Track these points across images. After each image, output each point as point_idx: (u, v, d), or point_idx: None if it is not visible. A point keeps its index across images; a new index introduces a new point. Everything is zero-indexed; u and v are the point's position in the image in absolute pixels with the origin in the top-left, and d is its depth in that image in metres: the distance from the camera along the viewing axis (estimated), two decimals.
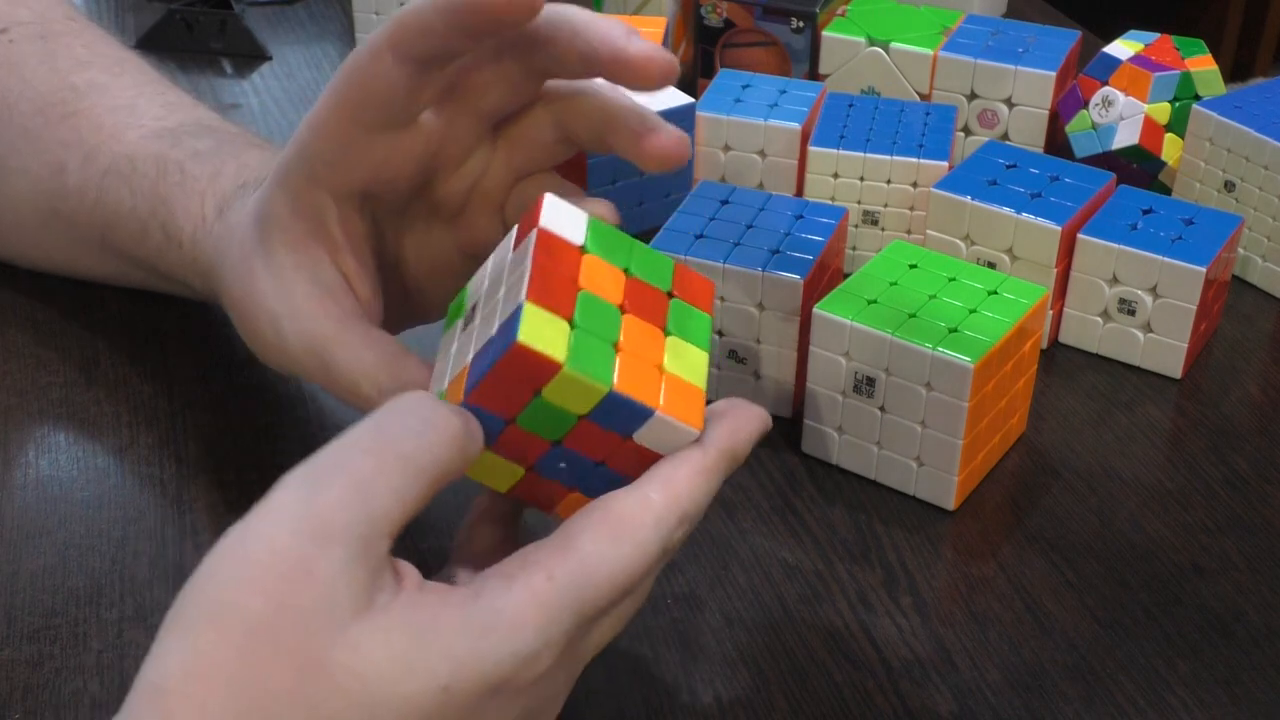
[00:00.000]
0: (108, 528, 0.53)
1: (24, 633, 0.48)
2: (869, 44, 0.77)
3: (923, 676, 0.48)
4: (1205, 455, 0.59)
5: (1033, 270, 0.62)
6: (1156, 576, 0.52)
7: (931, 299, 0.55)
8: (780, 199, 0.61)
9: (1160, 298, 0.61)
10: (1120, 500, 0.56)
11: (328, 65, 0.90)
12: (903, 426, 0.54)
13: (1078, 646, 0.49)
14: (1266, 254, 0.69)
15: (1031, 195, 0.63)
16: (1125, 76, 0.73)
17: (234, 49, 0.91)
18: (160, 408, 0.59)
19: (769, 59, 0.81)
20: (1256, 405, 0.62)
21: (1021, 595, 0.51)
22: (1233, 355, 0.65)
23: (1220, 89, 0.73)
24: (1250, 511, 0.56)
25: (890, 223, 0.68)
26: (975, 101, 0.75)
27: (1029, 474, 0.57)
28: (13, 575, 0.50)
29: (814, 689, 0.47)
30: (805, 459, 0.57)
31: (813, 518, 0.54)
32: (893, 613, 0.50)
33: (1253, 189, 0.68)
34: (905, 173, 0.66)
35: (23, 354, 0.61)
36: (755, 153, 0.69)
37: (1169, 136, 0.72)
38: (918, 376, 0.53)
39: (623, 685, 0.47)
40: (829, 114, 0.70)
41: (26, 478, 0.55)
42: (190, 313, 0.61)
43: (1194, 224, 0.63)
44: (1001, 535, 0.54)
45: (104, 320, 0.63)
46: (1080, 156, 0.73)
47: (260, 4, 0.98)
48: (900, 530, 0.54)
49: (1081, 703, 0.47)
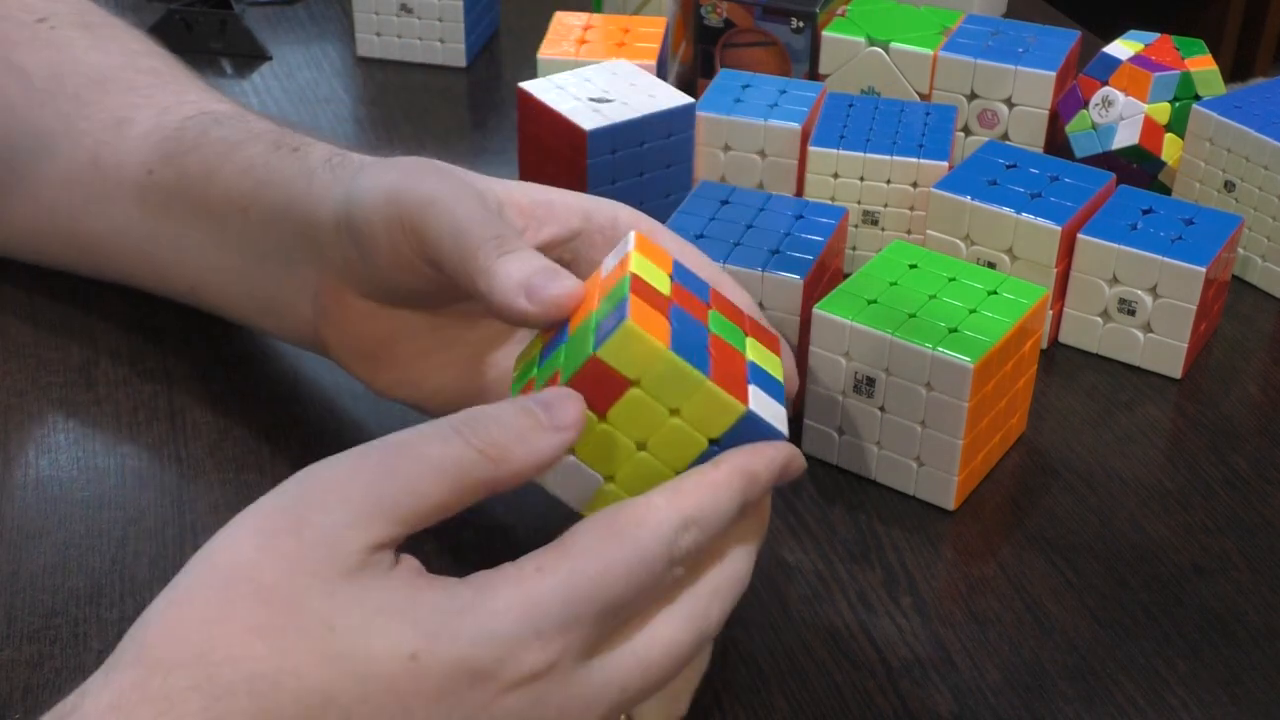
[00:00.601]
0: (108, 528, 0.53)
1: (24, 633, 0.48)
2: (869, 44, 0.77)
3: (923, 676, 0.48)
4: (1205, 455, 0.59)
5: (1033, 270, 0.62)
6: (1156, 576, 0.52)
7: (931, 299, 0.55)
8: (780, 199, 0.61)
9: (1160, 298, 0.61)
10: (1120, 500, 0.56)
11: (328, 65, 0.90)
12: (903, 426, 0.54)
13: (1078, 646, 0.49)
14: (1266, 254, 0.69)
15: (1031, 195, 0.63)
16: (1125, 76, 0.73)
17: (234, 49, 0.91)
18: (160, 408, 0.59)
19: (769, 59, 0.81)
20: (1256, 405, 0.62)
21: (1021, 595, 0.51)
22: (1233, 355, 0.65)
23: (1220, 89, 0.73)
24: (1250, 511, 0.56)
25: (890, 223, 0.68)
26: (975, 101, 0.75)
27: (1029, 474, 0.57)
28: (13, 575, 0.50)
29: (814, 689, 0.47)
30: (805, 459, 0.57)
31: (813, 518, 0.54)
32: (893, 613, 0.50)
33: (1253, 189, 0.68)
34: (905, 173, 0.66)
35: (23, 354, 0.61)
36: (755, 153, 0.69)
37: (1169, 136, 0.72)
38: (918, 376, 0.53)
39: None
40: (829, 114, 0.70)
41: (26, 478, 0.55)
42: (190, 313, 0.61)
43: (1194, 224, 0.63)
44: (1001, 535, 0.54)
45: (104, 320, 0.63)
46: (1080, 156, 0.73)
47: (260, 4, 0.98)
48: (900, 530, 0.54)
49: (1081, 703, 0.47)
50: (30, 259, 0.64)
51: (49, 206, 0.61)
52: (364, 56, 0.91)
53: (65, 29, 0.63)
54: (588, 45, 0.76)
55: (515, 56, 0.92)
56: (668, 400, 0.39)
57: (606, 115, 0.65)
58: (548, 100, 0.66)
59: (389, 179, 0.47)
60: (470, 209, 0.44)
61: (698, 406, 0.39)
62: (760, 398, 0.41)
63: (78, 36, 0.63)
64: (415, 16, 0.89)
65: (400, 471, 0.36)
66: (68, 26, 0.63)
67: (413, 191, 0.45)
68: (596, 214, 0.48)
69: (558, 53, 0.76)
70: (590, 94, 0.67)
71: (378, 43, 0.90)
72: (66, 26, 0.63)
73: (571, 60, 0.74)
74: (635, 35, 0.78)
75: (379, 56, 0.91)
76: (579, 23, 0.79)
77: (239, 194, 0.53)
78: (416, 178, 0.46)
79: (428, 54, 0.90)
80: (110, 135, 0.59)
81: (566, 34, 0.78)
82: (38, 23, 0.63)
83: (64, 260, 0.63)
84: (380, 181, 0.47)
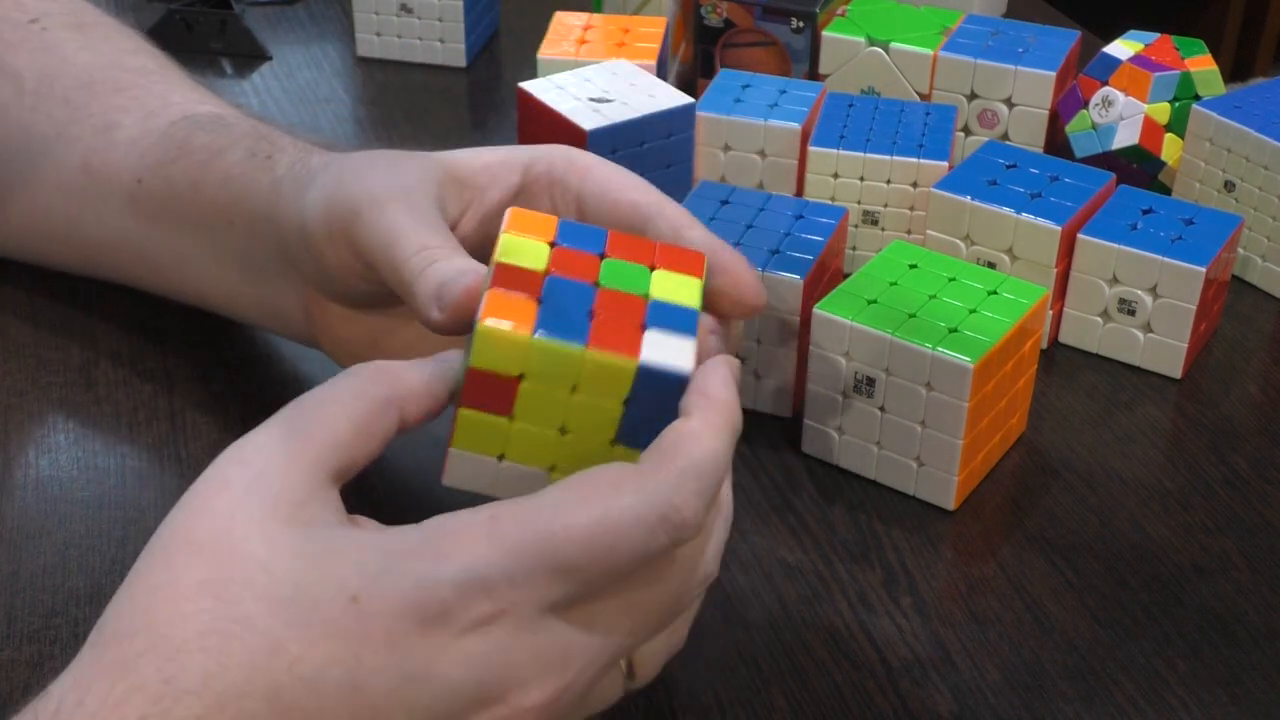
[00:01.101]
0: (108, 528, 0.53)
1: (24, 633, 0.48)
2: (869, 44, 0.77)
3: (923, 676, 0.48)
4: (1205, 455, 0.59)
5: (1033, 270, 0.62)
6: (1156, 576, 0.52)
7: (931, 299, 0.55)
8: (780, 199, 0.61)
9: (1160, 298, 0.61)
10: (1120, 500, 0.56)
11: (328, 65, 0.90)
12: (903, 426, 0.54)
13: (1078, 646, 0.49)
14: (1266, 254, 0.69)
15: (1031, 195, 0.63)
16: (1125, 76, 0.73)
17: (234, 49, 0.91)
18: (160, 408, 0.59)
19: (769, 59, 0.81)
20: (1256, 405, 0.62)
21: (1021, 595, 0.51)
22: (1233, 355, 0.65)
23: (1220, 89, 0.73)
24: (1250, 511, 0.56)
25: (890, 223, 0.68)
26: (975, 101, 0.75)
27: (1029, 474, 0.57)
28: (13, 575, 0.50)
29: (814, 689, 0.47)
30: (805, 459, 0.57)
31: (813, 518, 0.54)
32: (893, 613, 0.50)
33: (1253, 189, 0.68)
34: (905, 173, 0.66)
35: (23, 354, 0.61)
36: (755, 153, 0.69)
37: (1169, 136, 0.72)
38: (918, 376, 0.53)
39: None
40: (829, 114, 0.70)
41: (26, 478, 0.55)
42: (190, 313, 0.61)
43: (1194, 224, 0.63)
44: (1001, 535, 0.54)
45: (104, 320, 0.63)
46: (1080, 156, 0.73)
47: (260, 4, 0.98)
48: (900, 530, 0.54)
49: (1081, 703, 0.47)
50: (32, 260, 0.64)
51: (46, 211, 0.61)
52: (364, 56, 0.91)
53: (57, 30, 0.63)
54: (588, 45, 0.76)
55: (515, 56, 0.92)
56: (560, 381, 0.38)
57: (606, 115, 0.65)
58: (548, 100, 0.66)
59: (327, 189, 0.47)
60: (395, 217, 0.44)
61: (590, 377, 0.38)
62: (659, 341, 0.39)
63: (69, 37, 0.63)
64: (415, 16, 0.89)
65: (305, 414, 0.37)
66: (60, 27, 0.63)
67: (344, 202, 0.45)
68: (534, 165, 0.48)
69: (558, 53, 0.76)
70: (590, 94, 0.67)
71: (378, 43, 0.90)
72: (58, 27, 0.63)
73: (571, 60, 0.74)
74: (635, 35, 0.78)
75: (379, 56, 0.91)
76: (579, 23, 0.79)
77: (222, 206, 0.54)
78: (351, 185, 0.46)
79: (428, 54, 0.90)
80: (100, 141, 0.59)
81: (566, 34, 0.78)
82: (30, 23, 0.63)
83: (65, 262, 0.63)
84: (321, 192, 0.47)
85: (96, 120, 0.59)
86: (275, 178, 0.51)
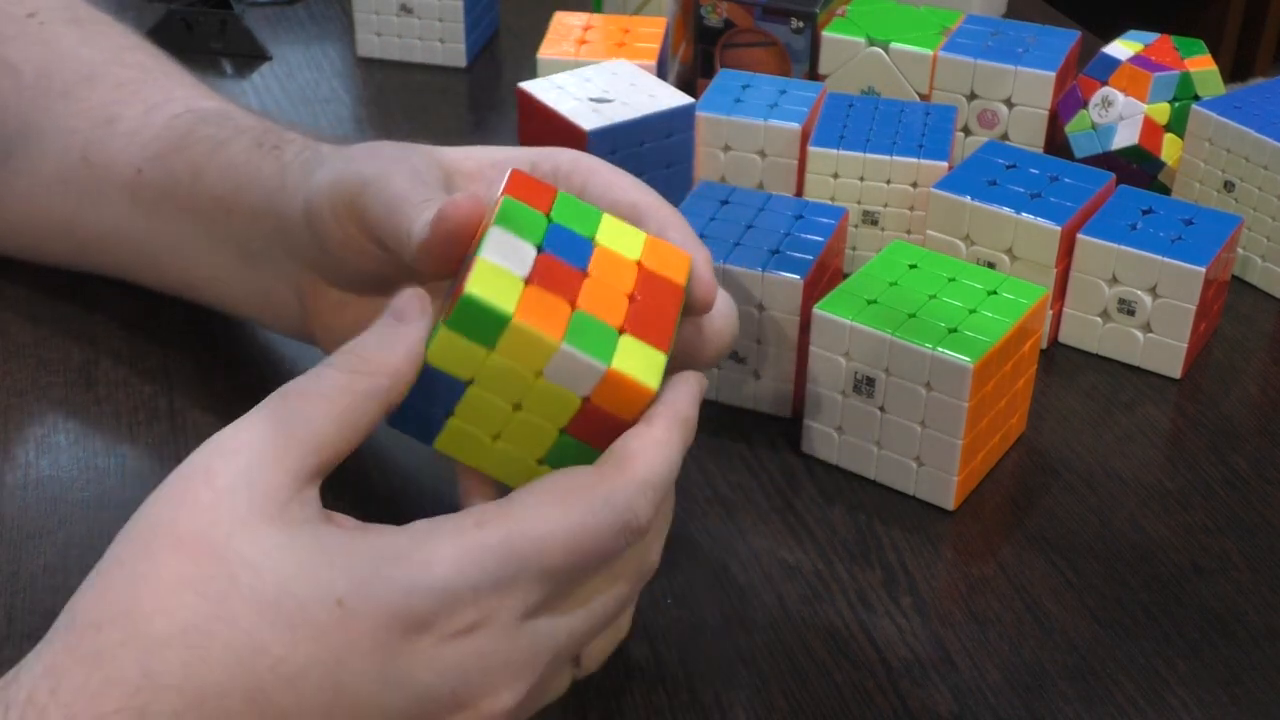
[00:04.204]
0: (108, 528, 0.52)
1: (24, 633, 0.48)
2: (869, 44, 0.77)
3: (923, 676, 0.48)
4: (1205, 455, 0.59)
5: (1032, 270, 0.62)
6: (1156, 576, 0.52)
7: (931, 299, 0.55)
8: (780, 199, 0.61)
9: (1160, 298, 0.61)
10: (1120, 500, 0.56)
11: (327, 65, 0.90)
12: (902, 426, 0.54)
13: (1078, 646, 0.49)
14: (1266, 254, 0.69)
15: (1031, 195, 0.63)
16: (1125, 76, 0.73)
17: (234, 49, 0.91)
18: (160, 408, 0.59)
19: (769, 59, 0.81)
20: (1256, 405, 0.62)
21: (1021, 595, 0.51)
22: (1233, 355, 0.65)
23: (1220, 89, 0.73)
24: (1250, 511, 0.56)
25: (890, 223, 0.68)
26: (975, 101, 0.75)
27: (1029, 474, 0.57)
28: (13, 575, 0.50)
29: (814, 689, 0.47)
30: (805, 459, 0.57)
31: (813, 518, 0.54)
32: (893, 613, 0.50)
33: (1252, 189, 0.68)
34: (905, 173, 0.66)
35: (23, 354, 0.61)
36: (755, 153, 0.69)
37: (1169, 136, 0.72)
38: (917, 376, 0.53)
39: (623, 685, 0.47)
40: (829, 114, 0.70)
41: (26, 478, 0.55)
42: (190, 313, 0.61)
43: (1194, 224, 0.63)
44: (1001, 535, 0.54)
45: (104, 320, 0.63)
46: (1080, 156, 0.73)
47: (260, 4, 0.98)
48: (900, 530, 0.54)
49: (1081, 703, 0.47)
50: (29, 256, 0.64)
51: (44, 202, 0.61)
52: (364, 56, 0.91)
53: (54, 24, 0.63)
54: (588, 45, 0.76)
55: (515, 56, 0.92)
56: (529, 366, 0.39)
57: (606, 115, 0.65)
58: (548, 100, 0.66)
59: (337, 167, 0.47)
60: (401, 184, 0.44)
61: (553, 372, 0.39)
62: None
63: (67, 32, 0.63)
64: (415, 16, 0.89)
65: (290, 409, 0.37)
66: (57, 22, 0.63)
67: (354, 176, 0.46)
68: (542, 164, 0.48)
69: (558, 53, 0.76)
70: (590, 94, 0.67)
71: (378, 43, 0.90)
72: (56, 22, 0.63)
73: (571, 60, 0.74)
74: (635, 35, 0.78)
75: (379, 56, 0.91)
76: (579, 23, 0.79)
77: (223, 194, 0.54)
78: (360, 162, 0.46)
79: (428, 54, 0.90)
80: (100, 133, 0.59)
81: (566, 34, 0.78)
82: (27, 17, 0.63)
83: (62, 256, 0.63)
84: (331, 170, 0.47)
85: (97, 113, 0.59)
86: (282, 164, 0.52)
